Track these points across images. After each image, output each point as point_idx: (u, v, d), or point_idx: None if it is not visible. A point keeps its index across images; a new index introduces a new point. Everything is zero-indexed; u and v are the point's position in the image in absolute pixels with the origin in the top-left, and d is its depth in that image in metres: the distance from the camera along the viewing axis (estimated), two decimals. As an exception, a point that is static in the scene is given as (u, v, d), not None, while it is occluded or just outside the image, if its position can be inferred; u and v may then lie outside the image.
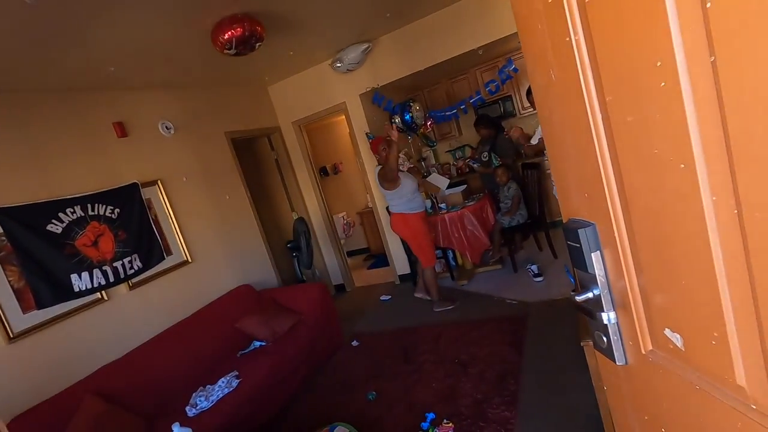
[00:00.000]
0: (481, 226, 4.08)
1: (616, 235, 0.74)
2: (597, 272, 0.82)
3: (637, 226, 0.69)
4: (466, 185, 4.72)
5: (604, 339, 0.86)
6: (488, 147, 4.63)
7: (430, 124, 4.66)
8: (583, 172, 0.79)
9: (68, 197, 2.73)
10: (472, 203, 4.19)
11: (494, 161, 4.38)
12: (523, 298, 3.56)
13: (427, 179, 4.79)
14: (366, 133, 4.58)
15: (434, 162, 6.04)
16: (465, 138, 5.90)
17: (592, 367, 1.46)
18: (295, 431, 2.65)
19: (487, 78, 5.11)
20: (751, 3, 0.42)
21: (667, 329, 0.69)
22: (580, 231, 0.81)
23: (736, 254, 0.51)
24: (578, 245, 0.83)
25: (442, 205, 4.28)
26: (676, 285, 0.64)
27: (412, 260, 4.52)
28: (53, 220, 2.63)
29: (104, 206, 2.92)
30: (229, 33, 2.46)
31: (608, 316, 0.79)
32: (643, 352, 0.77)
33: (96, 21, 2.17)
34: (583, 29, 0.67)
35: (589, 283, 0.85)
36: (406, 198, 3.66)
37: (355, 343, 3.64)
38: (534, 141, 4.21)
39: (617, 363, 0.84)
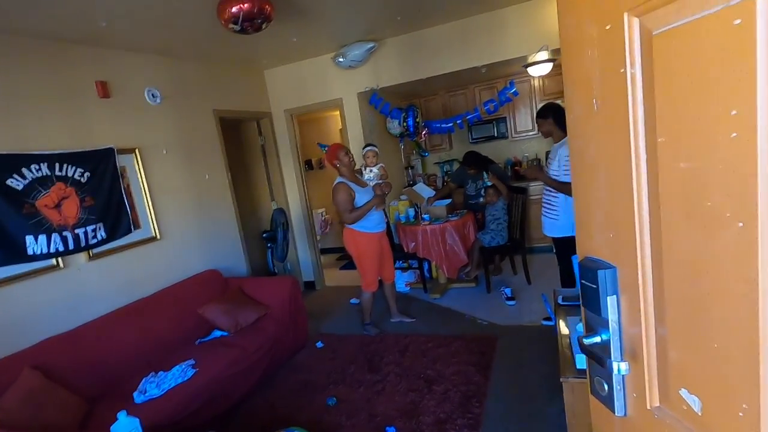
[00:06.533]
0: (461, 242, 4.07)
1: (639, 282, 0.71)
2: (611, 317, 0.78)
3: (669, 277, 0.65)
4: (451, 200, 4.71)
5: (605, 387, 0.82)
6: (480, 182, 4.53)
7: (424, 134, 4.63)
8: (613, 211, 0.75)
9: (35, 152, 2.53)
10: (455, 218, 4.18)
11: (486, 181, 4.36)
12: (494, 320, 3.56)
13: (413, 188, 4.76)
14: (318, 143, 4.49)
15: (421, 172, 6.03)
16: (455, 152, 5.91)
17: (568, 404, 1.44)
18: (248, 428, 2.53)
19: (486, 97, 5.14)
20: None
21: (683, 389, 0.65)
22: (599, 272, 0.77)
23: (788, 327, 0.48)
24: (594, 286, 0.79)
25: (426, 216, 4.25)
26: (705, 346, 0.60)
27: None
28: (15, 175, 2.43)
29: (74, 168, 2.73)
30: (237, 7, 2.34)
31: (618, 367, 0.75)
32: (649, 407, 0.74)
33: (95, -30, 2.02)
34: (642, 62, 0.63)
35: (598, 326, 0.81)
36: None
37: (320, 344, 3.54)
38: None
39: (616, 414, 0.81)
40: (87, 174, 2.80)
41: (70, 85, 2.80)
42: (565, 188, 2.82)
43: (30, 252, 2.47)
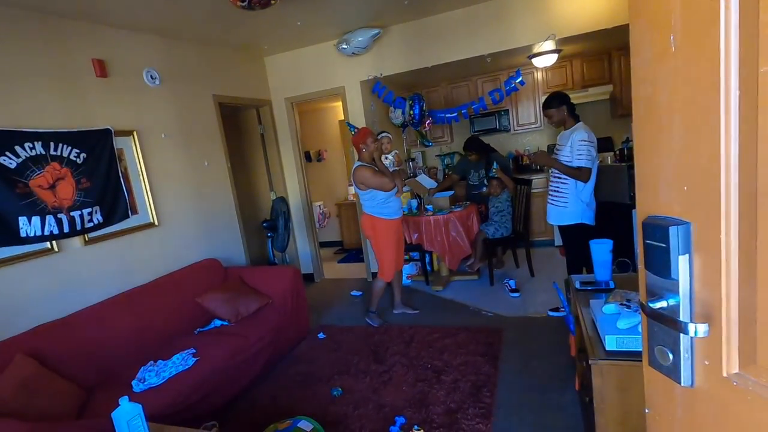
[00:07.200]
0: (465, 233, 4.02)
1: (722, 237, 0.64)
2: (681, 278, 0.71)
3: (766, 227, 0.59)
4: (453, 192, 4.65)
5: (669, 355, 0.76)
6: (483, 169, 4.47)
7: (428, 123, 4.57)
8: (689, 162, 0.68)
9: (29, 130, 2.42)
10: (459, 209, 4.12)
11: (492, 172, 4.30)
12: (499, 311, 3.51)
13: (416, 179, 4.70)
14: (346, 122, 4.42)
15: (421, 164, 5.96)
16: (456, 145, 5.85)
17: (596, 388, 1.38)
18: (250, 420, 2.44)
19: (488, 88, 5.09)
20: None
21: (778, 351, 0.59)
22: (671, 229, 0.71)
23: None
24: (664, 245, 0.72)
25: (429, 207, 4.19)
26: (813, 299, 0.54)
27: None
28: (7, 153, 2.31)
29: (69, 148, 2.61)
30: (245, -19, 2.26)
31: (696, 329, 0.69)
32: (725, 374, 0.68)
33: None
34: (741, -15, 0.57)
35: (664, 290, 0.75)
36: (378, 200, 3.32)
37: (321, 335, 3.46)
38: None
39: (682, 384, 0.74)
40: (83, 155, 2.69)
41: (65, 61, 2.69)
42: (577, 173, 2.77)
43: (23, 234, 2.35)
